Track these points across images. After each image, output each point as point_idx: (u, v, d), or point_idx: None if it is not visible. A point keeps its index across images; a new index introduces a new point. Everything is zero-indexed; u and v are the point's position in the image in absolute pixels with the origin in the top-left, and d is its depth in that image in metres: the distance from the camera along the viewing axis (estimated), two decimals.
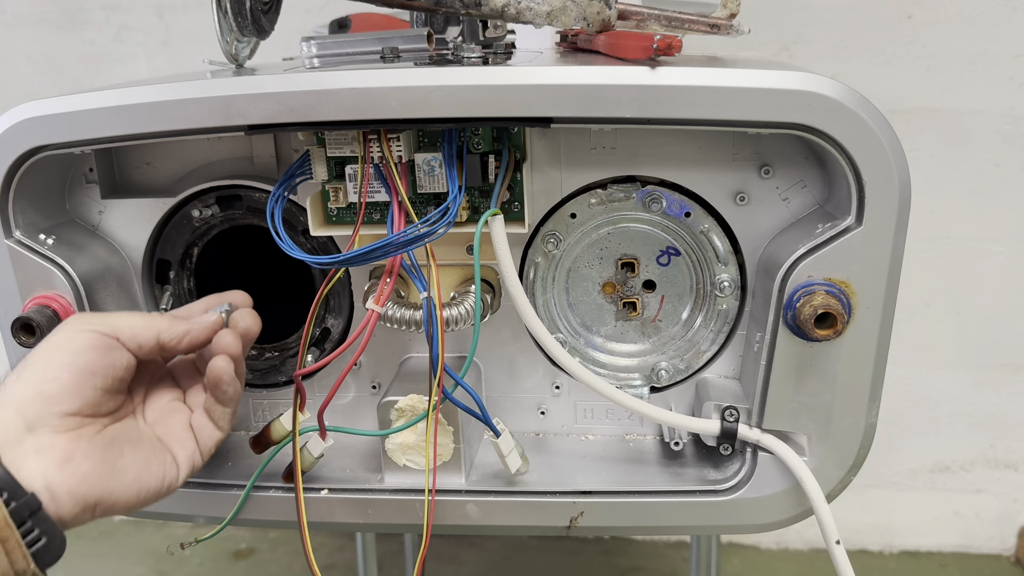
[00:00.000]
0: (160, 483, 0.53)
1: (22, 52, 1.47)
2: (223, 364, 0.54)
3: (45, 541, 0.46)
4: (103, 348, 0.51)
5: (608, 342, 0.67)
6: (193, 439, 0.56)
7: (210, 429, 0.56)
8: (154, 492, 0.53)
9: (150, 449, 0.53)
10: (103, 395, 0.51)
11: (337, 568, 1.48)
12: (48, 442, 0.48)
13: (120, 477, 0.50)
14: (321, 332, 0.67)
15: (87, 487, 0.48)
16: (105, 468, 0.49)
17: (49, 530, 0.46)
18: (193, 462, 0.56)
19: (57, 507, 0.47)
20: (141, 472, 0.52)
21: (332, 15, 0.94)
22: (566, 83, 0.52)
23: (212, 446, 0.57)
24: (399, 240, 0.54)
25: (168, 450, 0.55)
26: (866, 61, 1.27)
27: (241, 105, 0.54)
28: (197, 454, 0.56)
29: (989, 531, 1.50)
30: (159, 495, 0.53)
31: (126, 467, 0.51)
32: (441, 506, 0.62)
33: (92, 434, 0.50)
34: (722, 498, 0.61)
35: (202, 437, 0.56)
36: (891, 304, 0.56)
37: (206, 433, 0.56)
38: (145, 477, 0.52)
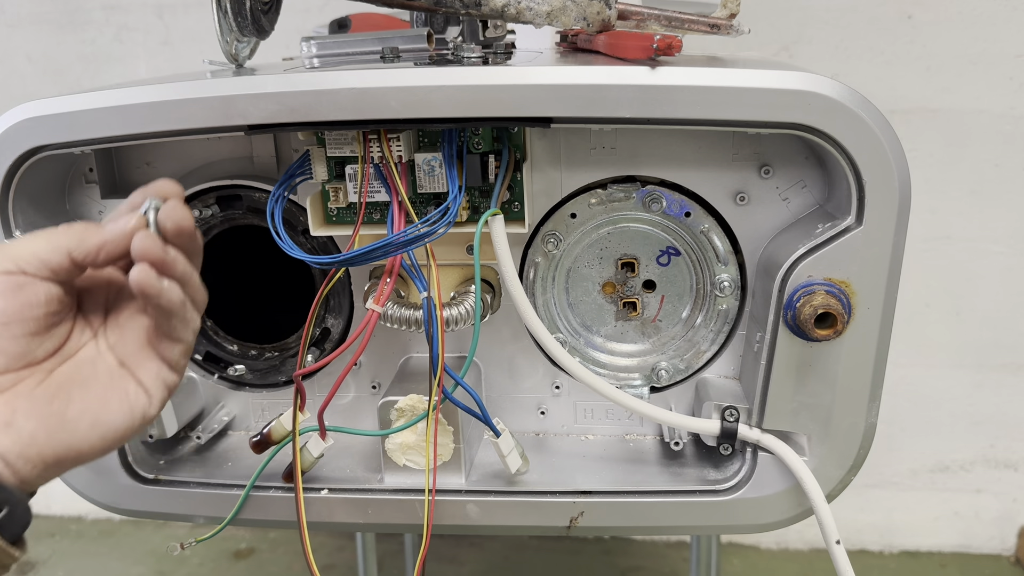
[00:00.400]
0: (128, 418, 0.47)
1: (22, 52, 1.47)
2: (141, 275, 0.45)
3: (7, 511, 0.42)
4: (11, 290, 0.44)
5: (608, 342, 0.67)
6: (154, 355, 0.48)
7: (167, 342, 0.48)
8: (124, 429, 0.46)
9: (107, 383, 0.47)
10: (29, 341, 0.45)
11: (337, 568, 1.48)
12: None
13: (74, 427, 0.45)
14: (321, 332, 0.67)
15: (38, 448, 0.43)
16: (53, 423, 0.44)
17: (7, 498, 0.42)
18: (164, 381, 0.48)
19: (12, 472, 0.43)
20: (99, 414, 0.46)
21: (332, 15, 0.93)
22: (566, 83, 0.52)
23: (177, 358, 0.49)
24: (399, 240, 0.54)
25: (131, 376, 0.48)
26: (866, 61, 1.27)
27: (241, 105, 0.53)
28: (165, 370, 0.48)
29: (989, 531, 1.50)
30: (132, 430, 0.47)
31: (78, 415, 0.45)
32: (441, 506, 0.62)
33: (32, 387, 0.44)
34: (722, 498, 0.61)
35: (162, 350, 0.48)
36: (891, 304, 0.56)
37: (165, 346, 0.48)
38: (106, 418, 0.46)
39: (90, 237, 0.46)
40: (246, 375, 0.70)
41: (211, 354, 0.70)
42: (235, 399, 0.72)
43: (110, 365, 0.48)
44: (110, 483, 0.65)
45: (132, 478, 0.65)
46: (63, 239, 0.46)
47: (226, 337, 0.70)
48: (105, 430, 0.46)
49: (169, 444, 0.69)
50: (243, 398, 0.72)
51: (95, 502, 0.67)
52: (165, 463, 0.68)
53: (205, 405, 0.72)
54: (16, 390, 0.44)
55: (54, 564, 1.57)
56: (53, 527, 1.69)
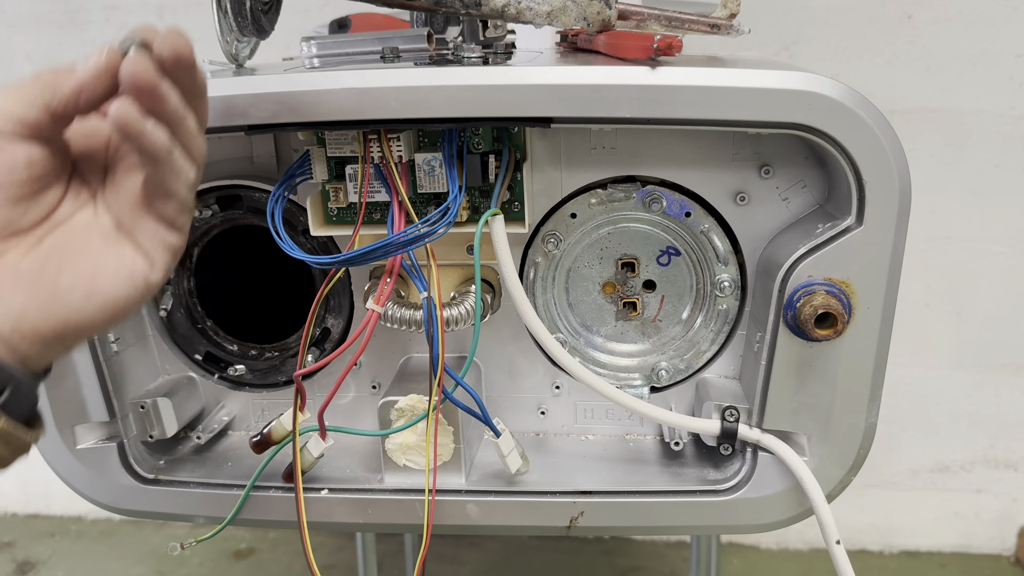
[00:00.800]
0: (128, 286, 0.42)
1: (22, 52, 1.47)
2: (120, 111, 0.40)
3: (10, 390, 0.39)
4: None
5: (608, 342, 0.67)
6: (150, 215, 0.43)
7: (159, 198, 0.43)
8: (124, 298, 0.42)
9: (101, 249, 0.43)
10: (12, 208, 0.41)
11: (337, 568, 1.48)
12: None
13: (68, 298, 0.41)
14: (321, 332, 0.67)
15: (31, 322, 0.40)
16: (43, 294, 0.41)
17: (7, 377, 0.39)
18: (165, 242, 0.44)
19: (10, 349, 0.40)
20: (94, 282, 0.42)
21: (332, 15, 0.93)
22: (566, 83, 0.52)
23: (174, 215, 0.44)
24: (399, 240, 0.54)
25: (128, 239, 0.43)
26: (866, 61, 1.27)
27: (241, 105, 0.53)
28: (163, 230, 0.44)
29: (989, 531, 1.50)
30: (135, 299, 0.43)
31: (70, 284, 0.41)
32: (441, 506, 0.62)
33: (19, 258, 0.41)
34: (722, 498, 0.61)
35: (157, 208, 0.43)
36: (891, 304, 0.56)
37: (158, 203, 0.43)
38: (102, 286, 0.42)
39: (64, 82, 0.41)
40: (246, 375, 0.70)
41: (211, 354, 0.70)
42: (235, 399, 0.72)
43: (105, 229, 0.43)
44: (110, 483, 0.65)
45: (132, 478, 0.65)
46: (35, 91, 0.41)
47: (226, 337, 0.70)
48: (103, 300, 0.42)
49: (169, 444, 0.69)
50: (243, 398, 0.72)
51: (95, 502, 0.67)
52: (165, 463, 0.68)
53: (205, 405, 0.72)
54: (2, 262, 0.41)
55: (54, 564, 1.57)
56: (53, 527, 1.69)
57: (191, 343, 0.69)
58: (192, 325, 0.69)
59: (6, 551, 1.62)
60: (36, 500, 1.74)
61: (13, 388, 0.40)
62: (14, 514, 1.74)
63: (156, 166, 0.42)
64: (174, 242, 0.44)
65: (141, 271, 0.43)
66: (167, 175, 0.43)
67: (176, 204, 0.44)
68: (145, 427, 0.66)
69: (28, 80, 0.42)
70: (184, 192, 0.44)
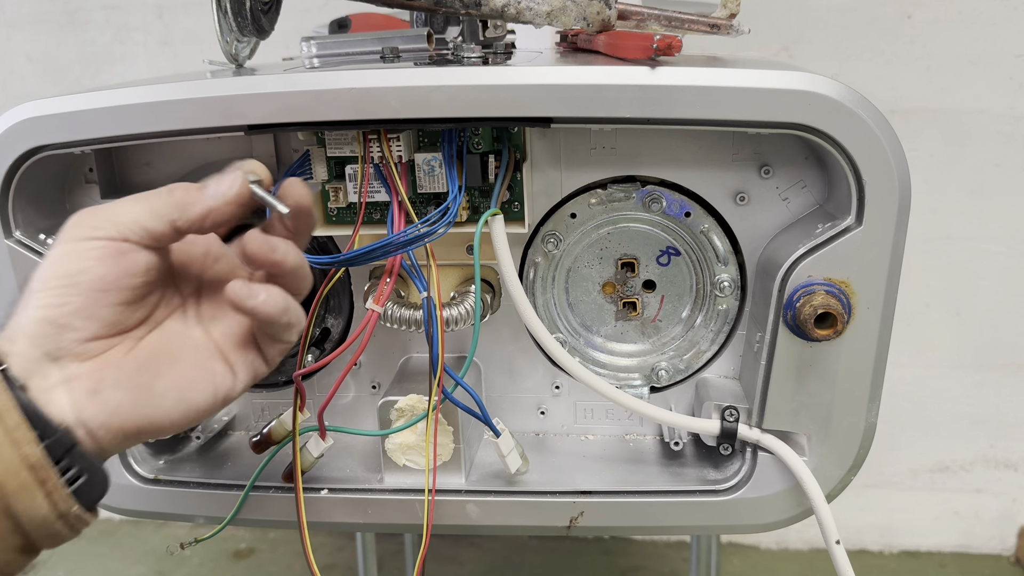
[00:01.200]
0: (211, 399, 0.46)
1: (22, 52, 1.47)
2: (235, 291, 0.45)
3: (86, 478, 0.41)
4: (112, 257, 0.43)
5: (608, 342, 0.67)
6: (255, 349, 0.47)
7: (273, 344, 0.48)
8: (206, 408, 0.46)
9: (196, 361, 0.46)
10: (123, 310, 0.44)
11: (337, 568, 1.48)
12: (74, 371, 0.42)
13: (159, 402, 0.44)
14: (321, 332, 0.68)
15: (122, 419, 0.43)
16: (139, 395, 0.43)
17: (88, 466, 0.41)
18: (255, 370, 0.48)
19: (94, 441, 0.42)
20: (185, 391, 0.45)
21: (332, 15, 0.93)
22: (566, 83, 0.52)
23: (277, 356, 0.48)
24: (399, 240, 0.54)
25: (221, 356, 0.47)
26: (866, 61, 1.27)
27: (241, 105, 0.54)
28: (259, 362, 0.48)
29: (989, 531, 1.50)
30: (213, 410, 0.46)
31: (165, 390, 0.44)
32: (441, 506, 0.62)
33: (121, 356, 0.44)
34: (722, 498, 0.61)
35: (267, 349, 0.48)
36: (891, 304, 0.56)
37: (269, 346, 0.48)
38: (191, 396, 0.45)
39: (194, 205, 0.45)
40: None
41: None
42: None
43: (199, 341, 0.47)
44: (110, 483, 0.65)
45: (132, 478, 0.65)
46: (166, 207, 0.44)
47: None
48: (188, 407, 0.45)
49: (169, 444, 0.69)
50: (243, 398, 0.72)
51: None
52: (165, 463, 0.68)
53: None
54: (106, 357, 0.43)
55: (54, 564, 1.57)
56: None
57: None
58: None
59: None
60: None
61: (89, 476, 0.42)
62: None
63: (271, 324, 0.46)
64: (262, 372, 0.48)
65: (226, 387, 0.47)
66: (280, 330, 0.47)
67: (282, 348, 0.48)
68: None
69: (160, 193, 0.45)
70: (293, 339, 0.48)
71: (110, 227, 0.43)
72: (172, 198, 0.45)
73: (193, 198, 0.45)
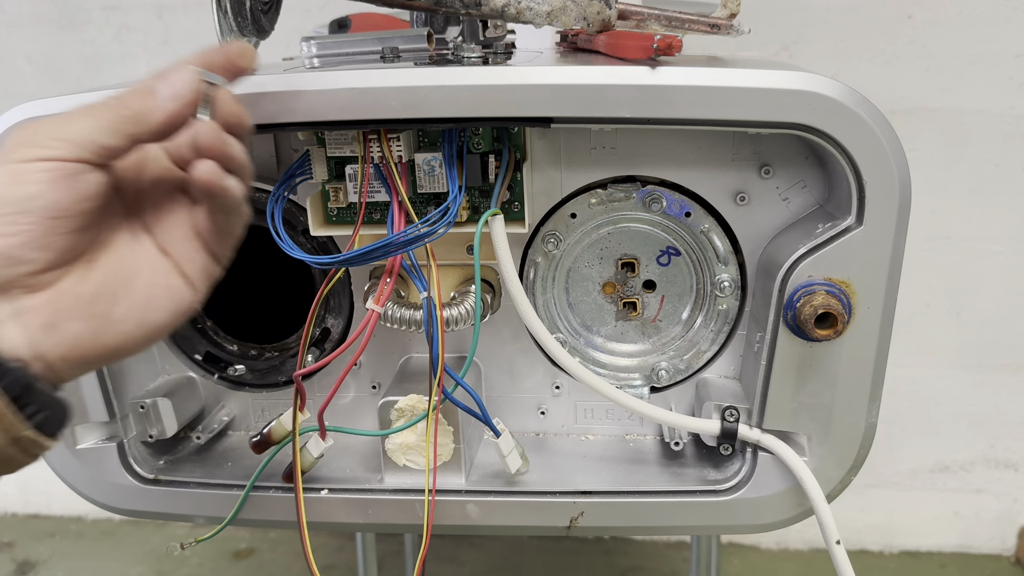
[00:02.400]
0: (172, 315, 0.44)
1: (22, 52, 1.47)
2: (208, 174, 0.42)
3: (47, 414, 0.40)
4: (65, 179, 0.39)
5: (608, 342, 0.67)
6: (201, 248, 0.46)
7: (219, 237, 0.46)
8: (167, 324, 0.44)
9: (151, 280, 0.44)
10: (77, 236, 0.41)
11: (337, 568, 1.48)
12: (27, 304, 0.39)
13: (120, 327, 0.42)
14: (321, 332, 0.67)
15: (82, 351, 0.41)
16: (98, 323, 0.41)
17: (47, 402, 0.40)
18: (209, 274, 0.46)
19: (54, 373, 0.40)
20: (145, 313, 0.43)
21: (332, 15, 0.93)
22: (566, 83, 0.52)
23: (227, 252, 0.47)
24: (399, 240, 0.54)
25: (176, 268, 0.45)
26: (866, 61, 1.27)
27: None
28: (211, 263, 0.46)
29: (989, 531, 1.50)
30: (175, 324, 0.45)
31: (124, 315, 0.42)
32: (441, 506, 0.62)
33: (76, 284, 0.41)
34: (722, 498, 0.61)
35: (213, 245, 0.46)
36: (891, 304, 0.56)
37: (216, 240, 0.46)
38: (151, 316, 0.43)
39: (152, 113, 0.41)
40: (246, 375, 0.70)
41: (211, 354, 0.70)
42: (235, 399, 0.72)
43: (152, 256, 0.45)
44: (110, 483, 0.65)
45: (132, 478, 0.65)
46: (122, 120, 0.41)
47: (226, 337, 0.70)
48: (150, 328, 0.43)
49: (169, 444, 0.69)
50: (243, 398, 0.72)
51: (95, 502, 0.67)
52: (165, 463, 0.68)
53: (205, 405, 0.72)
54: (60, 287, 0.40)
55: (54, 564, 1.57)
56: (53, 527, 1.69)
57: (191, 343, 0.69)
58: (192, 325, 0.69)
59: (6, 551, 1.62)
60: (36, 500, 1.74)
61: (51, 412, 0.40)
62: (14, 514, 1.74)
63: (228, 214, 0.45)
64: (216, 273, 0.47)
65: (187, 299, 0.45)
66: (234, 219, 0.46)
67: (232, 242, 0.47)
68: (145, 427, 0.66)
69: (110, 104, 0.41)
70: (240, 231, 0.47)
71: (61, 146, 0.40)
72: (128, 109, 0.41)
73: (150, 105, 0.42)
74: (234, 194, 0.44)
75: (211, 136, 0.43)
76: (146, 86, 0.42)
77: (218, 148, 0.43)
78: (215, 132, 0.43)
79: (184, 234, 0.45)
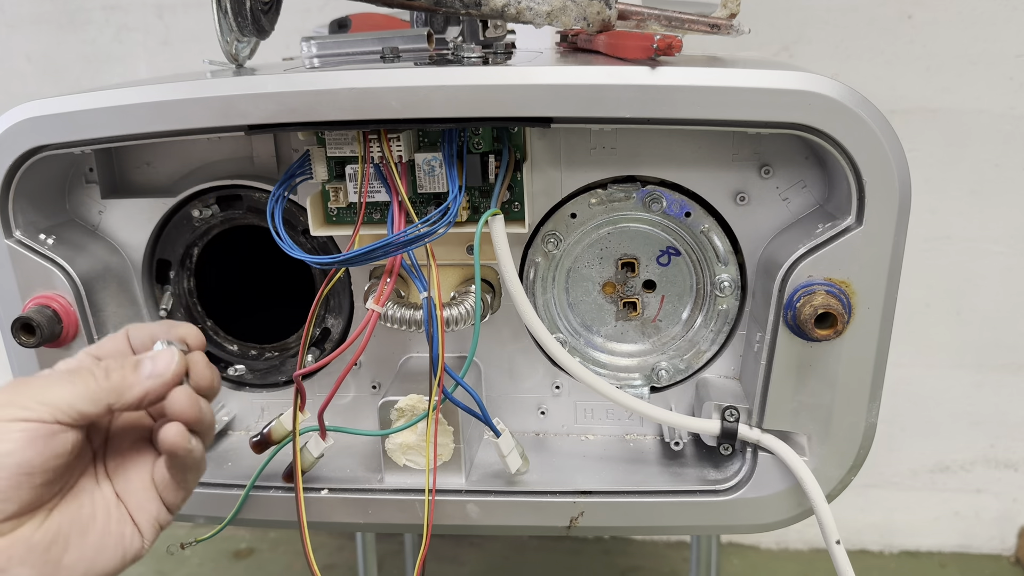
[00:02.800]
0: (120, 562, 0.46)
1: (22, 52, 1.47)
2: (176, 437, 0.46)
3: None
4: (41, 439, 0.42)
5: (608, 342, 0.67)
6: (156, 498, 0.48)
7: (174, 488, 0.49)
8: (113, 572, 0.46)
9: (105, 529, 0.46)
10: (43, 489, 0.43)
11: (337, 568, 1.48)
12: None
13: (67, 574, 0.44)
14: (321, 332, 0.67)
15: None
16: (48, 570, 0.43)
17: None
18: (159, 523, 0.48)
19: None
20: (94, 561, 0.45)
21: (332, 15, 0.93)
22: (566, 83, 0.52)
23: (179, 503, 0.49)
24: (399, 240, 0.54)
25: (129, 518, 0.47)
26: (866, 61, 1.27)
27: (241, 105, 0.53)
28: (163, 513, 0.49)
29: (989, 531, 1.50)
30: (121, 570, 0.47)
31: (74, 562, 0.44)
32: (441, 506, 0.62)
33: (32, 532, 0.43)
34: (722, 498, 0.61)
35: (167, 495, 0.49)
36: (891, 304, 0.56)
37: (170, 492, 0.49)
38: (100, 563, 0.45)
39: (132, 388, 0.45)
40: (246, 375, 0.70)
41: (211, 354, 0.70)
42: (235, 399, 0.72)
43: (109, 503, 0.47)
44: None
45: None
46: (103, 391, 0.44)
47: (226, 337, 0.70)
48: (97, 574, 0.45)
49: None
50: (243, 398, 0.72)
51: None
52: None
53: None
54: (15, 535, 0.42)
55: None
56: None
57: None
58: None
59: None
60: None
61: None
62: None
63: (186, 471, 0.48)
64: (166, 522, 0.49)
65: (135, 549, 0.47)
66: (190, 476, 0.49)
67: (184, 495, 0.49)
68: None
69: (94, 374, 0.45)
70: (194, 486, 0.50)
71: (42, 409, 0.43)
72: (109, 382, 0.45)
73: (130, 380, 0.45)
74: (195, 455, 0.47)
75: (186, 403, 0.46)
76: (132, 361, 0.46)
77: (192, 414, 0.46)
78: (190, 398, 0.46)
79: (142, 484, 0.48)
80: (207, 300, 0.69)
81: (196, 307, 0.69)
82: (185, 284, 0.68)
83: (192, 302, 0.69)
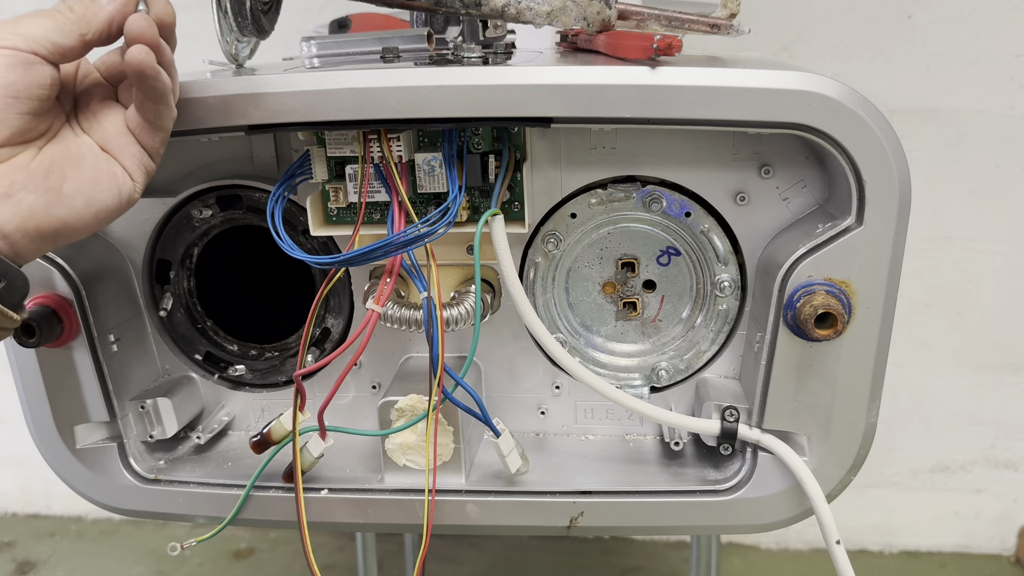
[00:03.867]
0: (116, 199, 0.49)
1: None
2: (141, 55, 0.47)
3: (5, 283, 0.45)
4: (21, 66, 0.45)
5: (608, 342, 0.67)
6: (135, 142, 0.51)
7: (149, 129, 0.51)
8: (113, 208, 0.49)
9: (94, 164, 0.49)
10: (30, 120, 0.46)
11: (337, 568, 1.48)
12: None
13: (70, 203, 0.47)
14: (321, 332, 0.67)
15: (37, 221, 0.45)
16: (51, 197, 0.46)
17: (5, 271, 0.45)
18: (144, 167, 0.51)
19: (10, 245, 0.45)
20: (92, 192, 0.48)
21: (332, 15, 0.93)
22: (566, 83, 0.52)
23: (157, 146, 0.52)
24: (399, 240, 0.54)
25: (114, 160, 0.50)
26: (866, 61, 1.27)
27: (241, 105, 0.54)
28: (145, 157, 0.51)
29: (989, 531, 1.50)
30: (120, 210, 0.50)
31: (74, 191, 0.47)
32: (441, 506, 0.62)
33: (27, 162, 0.46)
34: (722, 498, 0.61)
35: (143, 138, 0.51)
36: (891, 304, 0.56)
37: (146, 133, 0.51)
38: (98, 196, 0.48)
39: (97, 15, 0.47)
40: (246, 375, 0.70)
41: (211, 354, 0.70)
42: (235, 399, 0.72)
43: (92, 148, 0.50)
44: (110, 483, 0.65)
45: (132, 478, 0.65)
46: (72, 22, 0.47)
47: (226, 337, 0.70)
48: (98, 208, 0.48)
49: (169, 444, 0.69)
50: (243, 398, 0.72)
51: (95, 502, 0.67)
52: (165, 463, 0.68)
53: (205, 405, 0.72)
54: (13, 162, 0.45)
55: (54, 564, 1.57)
56: (53, 527, 1.69)
57: (191, 343, 0.69)
58: (192, 325, 0.69)
59: (6, 551, 1.62)
60: (36, 500, 1.73)
61: (8, 282, 0.45)
62: (14, 514, 1.74)
63: (156, 103, 0.49)
64: (151, 167, 0.52)
65: (128, 188, 0.50)
66: (162, 111, 0.50)
67: (161, 137, 0.51)
68: (145, 427, 0.66)
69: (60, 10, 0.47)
70: (169, 126, 0.52)
71: (18, 39, 0.45)
72: (75, 14, 0.47)
73: (94, 9, 0.47)
74: (163, 80, 0.49)
75: (143, 26, 0.47)
76: None
77: (150, 36, 0.48)
78: (146, 22, 0.48)
79: (118, 129, 0.50)
80: (207, 300, 0.69)
81: (196, 307, 0.69)
82: (185, 284, 0.68)
83: (192, 302, 0.69)
